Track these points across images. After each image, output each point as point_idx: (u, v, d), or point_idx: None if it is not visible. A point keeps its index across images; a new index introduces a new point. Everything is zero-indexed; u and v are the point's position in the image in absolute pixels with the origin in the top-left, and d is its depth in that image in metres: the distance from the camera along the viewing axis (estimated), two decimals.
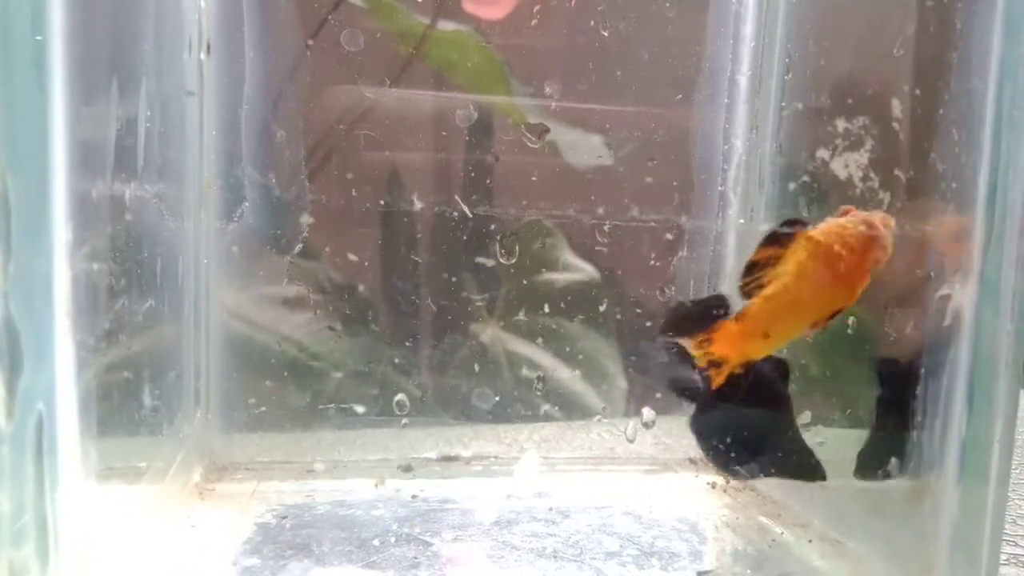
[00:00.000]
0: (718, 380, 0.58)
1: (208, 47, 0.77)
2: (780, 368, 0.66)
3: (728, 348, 0.56)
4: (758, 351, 0.57)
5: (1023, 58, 0.52)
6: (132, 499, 0.63)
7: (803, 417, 0.75)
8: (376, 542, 0.66)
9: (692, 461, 0.90)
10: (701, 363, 0.58)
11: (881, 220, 0.55)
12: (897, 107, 0.65)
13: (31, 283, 0.44)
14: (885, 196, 0.67)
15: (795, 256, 0.54)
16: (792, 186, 0.79)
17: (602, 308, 0.87)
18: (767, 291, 0.55)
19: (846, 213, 0.55)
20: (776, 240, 0.55)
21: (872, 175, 0.68)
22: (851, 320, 0.70)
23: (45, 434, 0.45)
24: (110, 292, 0.56)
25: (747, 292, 0.55)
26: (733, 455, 0.72)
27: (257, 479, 0.80)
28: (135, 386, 0.63)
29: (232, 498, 0.75)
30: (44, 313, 0.45)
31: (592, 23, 0.82)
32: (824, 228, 0.55)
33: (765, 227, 0.55)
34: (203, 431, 0.81)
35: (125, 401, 0.61)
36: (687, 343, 0.58)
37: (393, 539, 0.67)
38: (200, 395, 0.80)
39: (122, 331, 0.59)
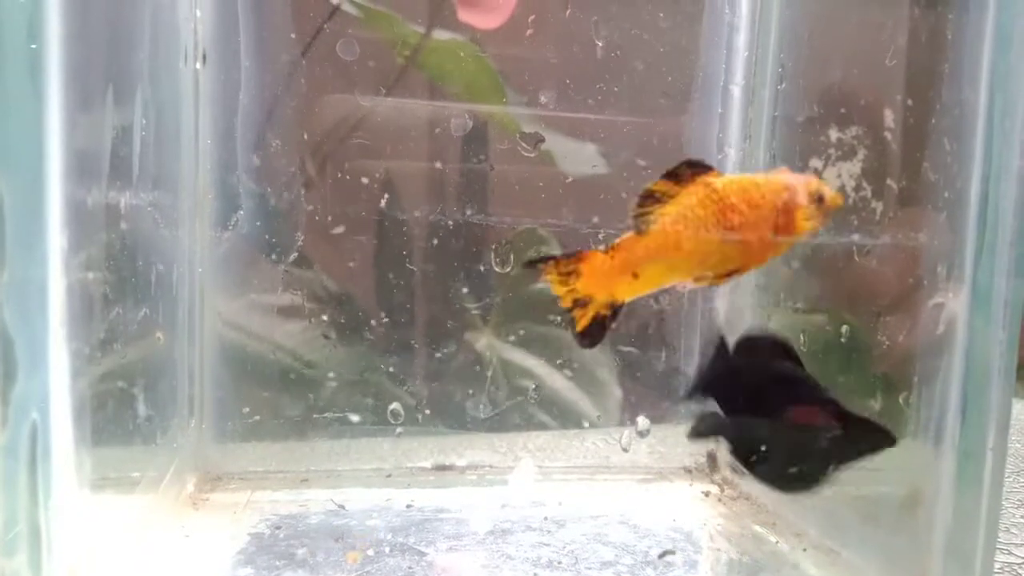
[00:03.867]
0: (582, 322, 0.53)
1: (204, 56, 0.77)
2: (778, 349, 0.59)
3: (594, 285, 0.51)
4: (624, 292, 0.52)
5: (1013, 69, 0.53)
6: (126, 509, 0.63)
7: None
8: (370, 552, 0.66)
9: (687, 470, 0.90)
10: (565, 302, 0.53)
11: (816, 189, 0.50)
12: (889, 117, 0.65)
13: (26, 291, 0.44)
14: (878, 205, 0.67)
15: (685, 199, 0.49)
16: None
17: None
18: (646, 228, 0.51)
19: (783, 172, 0.52)
20: (677, 176, 0.51)
21: (865, 184, 0.69)
22: (844, 329, 0.71)
23: (39, 443, 0.45)
24: (105, 300, 0.56)
25: (634, 223, 0.51)
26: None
27: (251, 489, 0.79)
28: (129, 395, 0.63)
29: (226, 508, 0.75)
30: (38, 321, 0.45)
31: (587, 33, 0.82)
32: (730, 178, 0.50)
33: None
34: (197, 440, 0.80)
35: (119, 410, 0.61)
36: (551, 275, 0.52)
37: (387, 549, 0.66)
38: (194, 404, 0.80)
39: (116, 340, 0.59)
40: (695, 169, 0.50)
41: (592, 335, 0.54)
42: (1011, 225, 0.53)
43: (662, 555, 0.67)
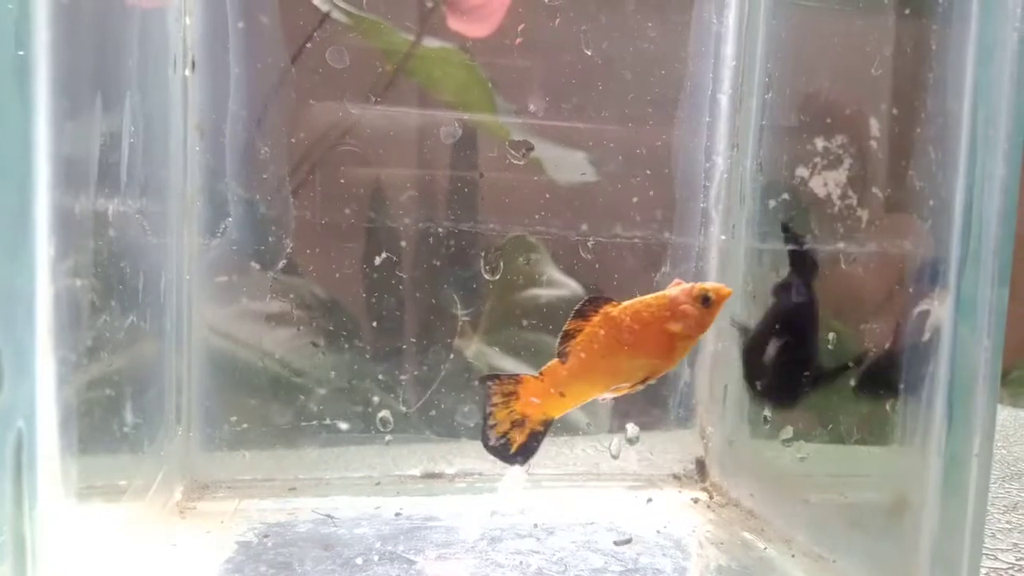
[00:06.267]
0: (519, 440, 0.62)
1: (193, 63, 0.77)
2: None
3: (529, 405, 0.61)
4: (555, 408, 0.62)
5: (995, 79, 0.53)
6: (112, 518, 0.62)
7: (785, 432, 0.76)
8: (359, 560, 0.65)
9: (676, 477, 0.90)
10: (503, 427, 0.61)
11: (699, 293, 0.59)
12: (875, 126, 0.66)
13: (12, 299, 0.44)
14: (863, 213, 0.68)
15: (590, 329, 0.60)
16: (772, 203, 0.80)
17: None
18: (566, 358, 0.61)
19: (676, 285, 0.60)
20: (583, 314, 0.60)
21: (850, 193, 0.69)
22: (831, 336, 0.71)
23: (25, 451, 0.44)
24: (92, 308, 0.56)
25: (559, 355, 0.61)
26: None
27: (239, 497, 0.79)
28: (116, 403, 0.62)
29: (213, 516, 0.74)
30: (25, 329, 0.44)
31: (576, 42, 0.83)
32: (624, 304, 0.60)
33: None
34: (184, 449, 0.80)
35: (106, 418, 0.60)
36: (495, 399, 0.61)
37: (376, 557, 0.66)
38: (181, 412, 0.79)
39: (104, 347, 0.58)
40: (596, 304, 0.60)
41: (527, 451, 0.62)
42: (995, 233, 0.54)
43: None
